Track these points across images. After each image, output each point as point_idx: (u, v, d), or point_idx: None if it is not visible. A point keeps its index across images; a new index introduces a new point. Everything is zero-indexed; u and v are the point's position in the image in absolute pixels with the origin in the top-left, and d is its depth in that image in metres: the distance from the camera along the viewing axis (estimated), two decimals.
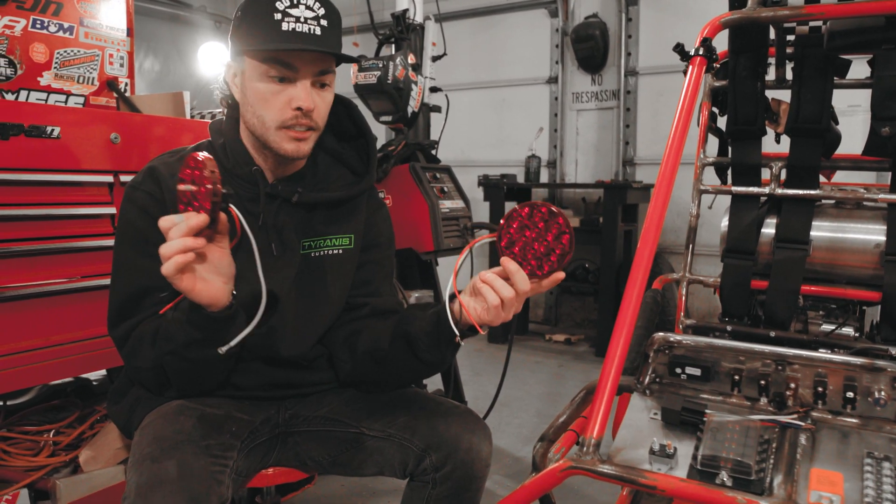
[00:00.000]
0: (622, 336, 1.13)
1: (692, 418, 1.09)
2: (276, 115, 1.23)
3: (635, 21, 4.96)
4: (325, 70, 1.24)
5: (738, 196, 2.00)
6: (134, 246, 1.26)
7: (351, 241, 1.40)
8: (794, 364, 1.08)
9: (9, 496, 1.67)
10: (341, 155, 1.45)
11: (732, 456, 0.97)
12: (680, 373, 1.18)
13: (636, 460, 1.04)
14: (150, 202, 1.26)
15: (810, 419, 1.06)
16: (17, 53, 2.16)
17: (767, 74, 1.97)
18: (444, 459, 1.28)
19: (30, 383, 1.73)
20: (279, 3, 1.19)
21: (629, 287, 1.19)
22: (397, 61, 2.91)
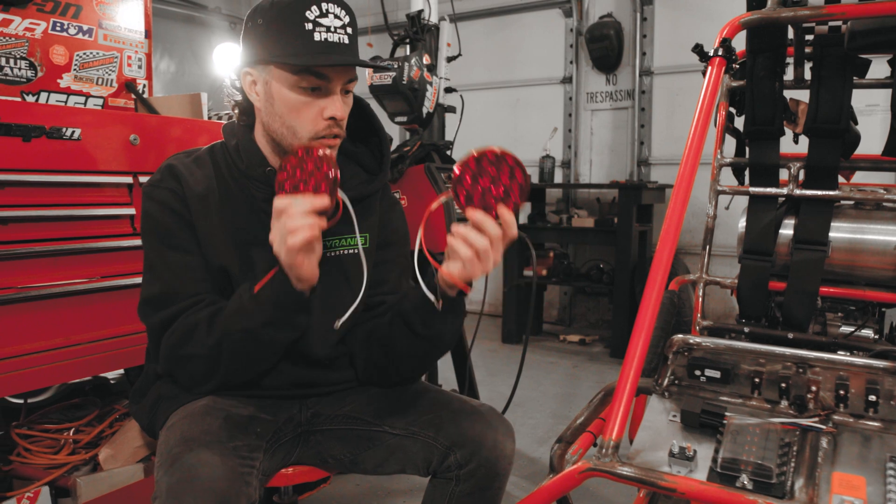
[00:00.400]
0: (641, 338, 1.12)
1: (712, 421, 1.08)
2: (310, 126, 1.24)
3: (650, 20, 4.94)
4: (352, 78, 1.26)
5: (755, 197, 1.99)
6: (162, 240, 1.28)
7: (367, 240, 1.42)
8: (816, 367, 1.07)
9: (30, 493, 1.69)
10: (355, 154, 1.45)
11: (753, 459, 0.96)
12: (699, 375, 1.18)
13: (655, 462, 1.04)
14: (172, 198, 1.28)
15: (832, 422, 1.05)
16: (38, 56, 2.18)
17: (786, 74, 1.95)
18: (468, 457, 1.28)
19: (51, 382, 1.75)
20: (309, 13, 1.19)
21: (648, 289, 1.19)
22: (412, 62, 2.91)
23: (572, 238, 4.97)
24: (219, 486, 1.07)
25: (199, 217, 1.29)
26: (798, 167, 1.93)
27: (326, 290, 1.36)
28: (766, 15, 1.45)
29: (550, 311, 5.60)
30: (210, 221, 1.29)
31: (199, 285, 1.28)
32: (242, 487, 1.11)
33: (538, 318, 5.21)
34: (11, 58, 2.12)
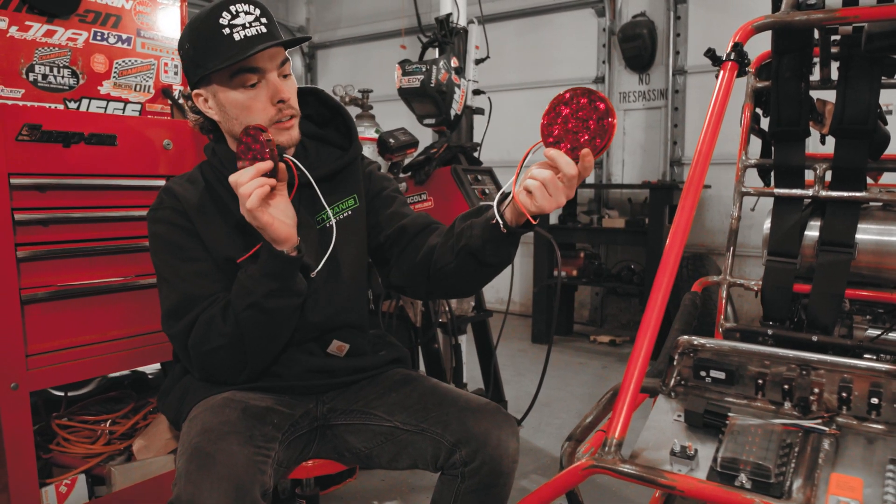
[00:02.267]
0: (645, 339, 1.14)
1: (715, 421, 1.09)
2: (263, 116, 1.34)
3: (684, 19, 4.89)
4: (283, 60, 1.36)
5: (780, 198, 1.98)
6: (172, 255, 1.38)
7: (355, 199, 1.51)
8: (819, 369, 1.08)
9: (68, 481, 1.78)
10: (325, 137, 1.56)
11: (752, 459, 0.98)
12: (704, 376, 1.19)
13: (657, 461, 1.06)
14: (174, 215, 1.39)
15: (835, 424, 1.06)
16: (80, 64, 2.28)
17: (812, 74, 1.93)
18: (472, 454, 1.32)
19: (87, 375, 1.84)
20: (222, 20, 1.29)
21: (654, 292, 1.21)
22: (440, 65, 2.95)
23: (603, 238, 4.95)
24: (234, 473, 1.13)
25: (202, 225, 1.39)
26: (824, 168, 1.92)
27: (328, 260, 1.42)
28: (780, 19, 1.45)
29: (581, 311, 5.58)
30: (211, 225, 1.40)
31: (214, 287, 1.36)
32: (257, 475, 1.16)
33: (569, 319, 5.20)
34: (55, 66, 2.22)
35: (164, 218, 1.40)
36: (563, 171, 1.11)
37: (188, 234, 1.38)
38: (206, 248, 1.39)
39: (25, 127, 1.63)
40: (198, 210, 1.40)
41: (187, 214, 1.39)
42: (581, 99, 1.12)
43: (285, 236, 1.27)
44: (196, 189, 1.43)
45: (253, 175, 1.22)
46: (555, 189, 1.12)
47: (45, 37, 2.18)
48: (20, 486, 1.64)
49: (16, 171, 1.62)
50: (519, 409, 3.22)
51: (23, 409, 1.64)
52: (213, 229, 1.39)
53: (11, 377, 1.62)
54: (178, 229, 1.38)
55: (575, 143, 1.12)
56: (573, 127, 1.12)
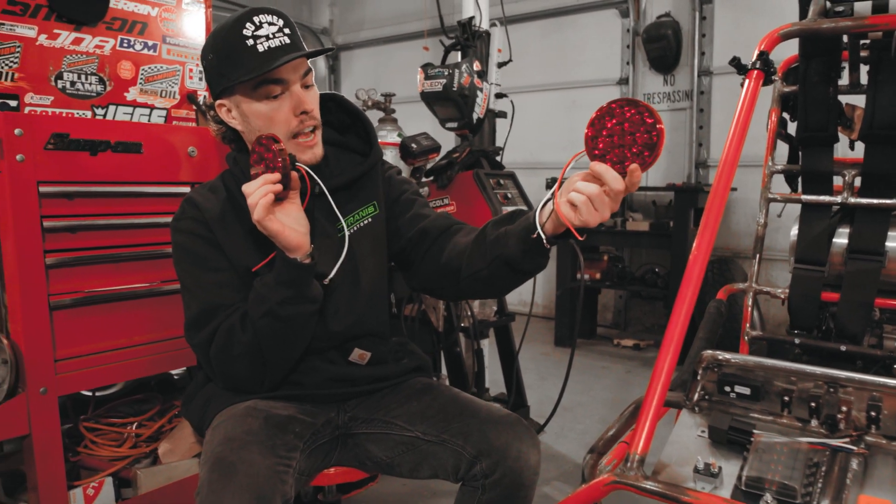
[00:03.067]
0: (668, 354, 1.13)
1: (739, 438, 1.08)
2: (286, 128, 1.35)
3: (710, 19, 4.83)
4: (306, 71, 1.37)
5: (808, 205, 1.95)
6: (195, 265, 1.40)
7: (375, 206, 1.51)
8: (848, 387, 1.06)
9: (95, 483, 1.81)
10: (345, 143, 1.56)
11: (778, 478, 0.96)
12: (729, 391, 1.17)
13: (680, 478, 1.05)
14: (196, 225, 1.41)
15: (864, 444, 1.03)
16: (107, 71, 2.32)
17: (841, 78, 1.90)
18: (493, 467, 1.31)
19: (115, 380, 1.87)
20: (245, 31, 1.30)
21: (677, 304, 1.19)
22: (463, 69, 2.95)
23: (627, 241, 4.91)
24: (256, 483, 1.14)
25: (222, 235, 1.41)
26: (853, 174, 1.88)
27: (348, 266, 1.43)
28: (807, 26, 1.42)
29: (605, 314, 5.54)
30: (232, 235, 1.41)
31: (235, 296, 1.38)
32: (278, 485, 1.17)
33: (592, 322, 5.17)
34: (83, 74, 2.25)
35: (185, 228, 1.42)
36: (609, 186, 1.08)
37: (209, 244, 1.40)
38: (227, 257, 1.40)
39: (53, 136, 1.66)
40: (219, 220, 1.41)
41: (208, 225, 1.40)
42: (628, 111, 1.09)
43: (297, 244, 1.28)
44: (217, 198, 1.45)
45: (260, 185, 1.24)
46: (601, 204, 1.10)
47: (73, 44, 2.22)
48: (49, 489, 1.67)
49: (44, 179, 1.65)
50: (541, 413, 3.21)
51: (51, 413, 1.67)
52: (233, 239, 1.41)
53: (40, 382, 1.65)
54: (199, 239, 1.40)
55: (622, 157, 1.09)
56: (619, 140, 1.09)
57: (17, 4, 2.07)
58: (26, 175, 1.61)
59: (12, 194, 1.59)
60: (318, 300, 1.35)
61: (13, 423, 1.61)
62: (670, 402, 1.30)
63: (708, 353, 1.20)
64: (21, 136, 1.60)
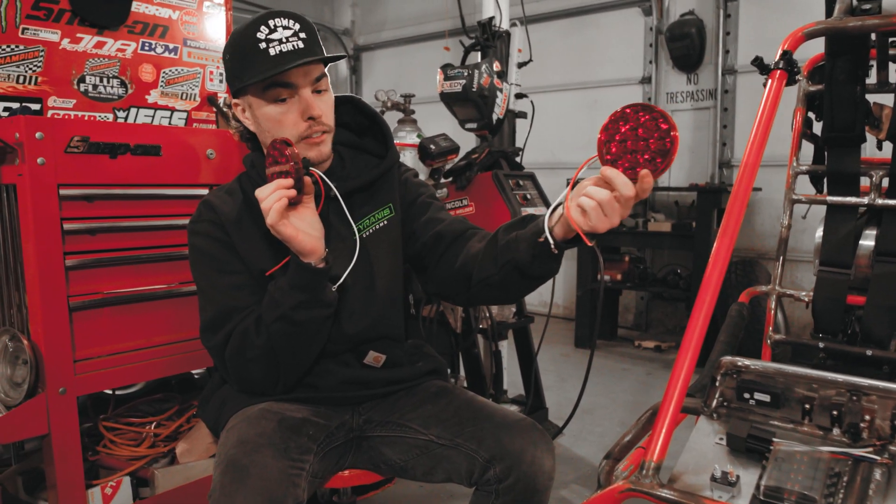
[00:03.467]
0: (687, 358, 1.11)
1: (758, 446, 1.05)
2: (293, 131, 1.35)
3: (734, 17, 4.76)
4: (318, 76, 1.36)
5: (833, 206, 1.91)
6: (211, 267, 1.41)
7: (391, 209, 1.50)
8: (871, 395, 1.03)
9: (113, 483, 1.82)
10: (361, 145, 1.56)
11: (798, 488, 0.93)
12: (748, 398, 1.15)
13: (697, 486, 1.02)
14: (212, 228, 1.41)
15: (887, 453, 1.00)
16: (128, 74, 2.34)
17: (868, 77, 1.85)
18: (507, 471, 1.30)
19: (133, 381, 1.89)
20: (259, 34, 1.30)
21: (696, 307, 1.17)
22: (482, 69, 2.94)
23: (649, 242, 4.86)
24: (268, 487, 1.14)
25: (238, 238, 1.41)
26: (881, 175, 1.84)
27: (362, 270, 1.43)
28: (833, 25, 1.39)
29: (626, 315, 5.49)
30: (247, 239, 1.41)
31: (250, 299, 1.38)
32: (290, 488, 1.17)
33: (613, 323, 5.13)
34: (105, 77, 2.28)
35: (202, 231, 1.42)
36: (619, 192, 1.06)
37: (225, 247, 1.41)
38: (243, 260, 1.40)
39: (74, 139, 1.68)
40: (235, 223, 1.42)
41: (224, 227, 1.41)
42: (642, 116, 1.06)
43: (311, 248, 1.28)
44: (234, 201, 1.45)
45: (273, 189, 1.24)
46: (611, 210, 1.08)
47: (95, 48, 2.25)
48: (67, 487, 1.69)
49: (65, 181, 1.67)
50: (560, 415, 3.18)
51: (70, 413, 1.69)
52: (249, 242, 1.41)
53: (60, 382, 1.66)
54: (215, 242, 1.41)
55: (634, 163, 1.06)
56: (632, 146, 1.06)
57: (41, 9, 2.11)
58: (47, 178, 1.63)
59: (33, 197, 1.61)
60: (332, 304, 1.34)
61: (33, 422, 1.63)
62: (688, 408, 1.28)
63: (727, 358, 1.18)
64: (42, 140, 1.62)
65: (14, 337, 1.69)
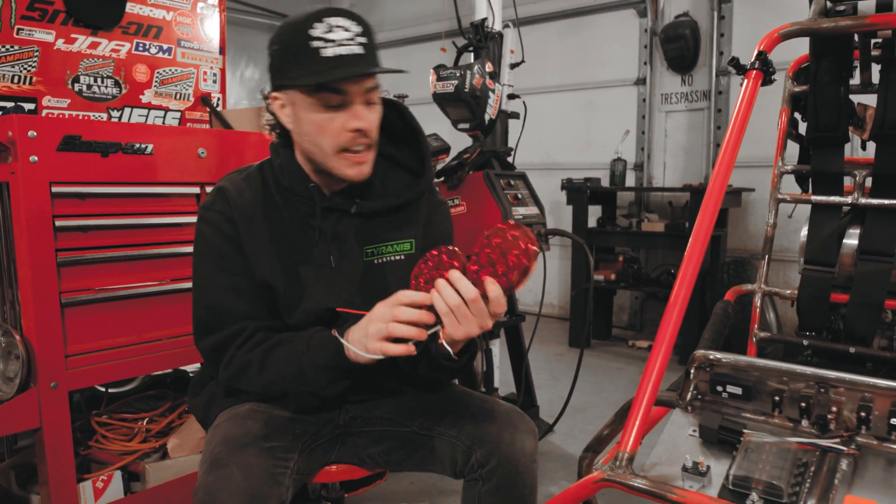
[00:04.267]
0: (660, 352, 1.13)
1: (729, 437, 1.07)
2: (334, 141, 1.25)
3: (728, 19, 4.78)
4: (372, 87, 1.26)
5: (818, 205, 1.93)
6: (212, 263, 1.34)
7: (412, 245, 1.42)
8: (839, 387, 1.05)
9: (104, 477, 1.85)
10: (397, 157, 1.46)
11: (765, 478, 0.96)
12: (721, 391, 1.17)
13: (669, 476, 1.05)
14: (222, 221, 1.33)
15: (855, 444, 1.03)
16: (123, 74, 2.37)
17: (852, 78, 1.88)
18: (487, 455, 1.29)
19: (125, 376, 1.91)
20: (313, 31, 1.19)
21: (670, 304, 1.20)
22: (475, 70, 2.96)
23: (642, 242, 4.88)
24: (250, 486, 1.15)
25: (246, 236, 1.34)
26: (864, 175, 1.86)
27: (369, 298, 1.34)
28: (806, 26, 1.41)
29: (621, 315, 5.51)
30: (256, 239, 1.34)
31: (248, 306, 1.33)
32: (274, 487, 1.18)
33: (607, 323, 5.15)
34: (99, 77, 2.31)
35: (211, 220, 1.35)
36: (464, 297, 1.07)
37: (231, 245, 1.34)
38: (247, 259, 1.34)
39: (66, 137, 1.70)
40: (247, 218, 1.34)
41: (235, 222, 1.33)
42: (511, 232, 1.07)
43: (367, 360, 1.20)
44: (251, 193, 1.37)
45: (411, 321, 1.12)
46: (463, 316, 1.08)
47: (89, 48, 2.28)
48: (59, 481, 1.71)
49: (57, 179, 1.69)
50: (552, 413, 3.20)
51: (62, 408, 1.71)
52: (256, 245, 1.34)
53: (51, 377, 1.69)
54: (222, 237, 1.33)
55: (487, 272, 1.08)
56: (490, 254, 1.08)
57: (35, 10, 2.14)
58: (39, 176, 1.66)
59: (25, 194, 1.64)
60: (357, 374, 1.28)
61: (25, 416, 1.65)
62: (664, 401, 1.30)
63: (700, 352, 1.20)
64: (34, 139, 1.65)
65: (6, 332, 1.72)
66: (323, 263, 1.36)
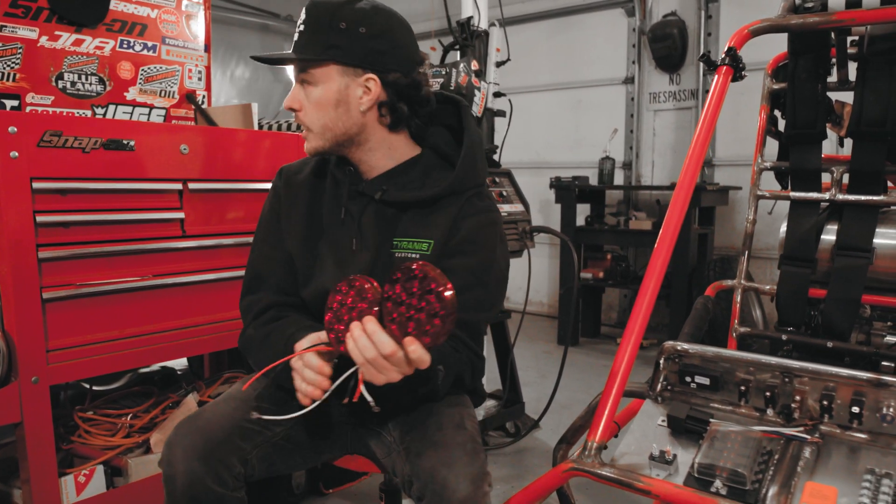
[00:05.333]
0: (629, 344, 1.15)
1: (696, 427, 1.09)
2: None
3: (715, 18, 4.82)
4: (302, 68, 1.33)
5: (797, 202, 1.95)
6: (261, 230, 1.48)
7: (429, 247, 1.35)
8: (802, 377, 1.07)
9: (86, 471, 1.85)
10: (449, 156, 1.43)
11: (729, 465, 0.98)
12: (689, 381, 1.19)
13: (637, 465, 1.06)
14: (274, 195, 1.47)
15: (818, 433, 1.04)
16: (107, 71, 2.38)
17: (830, 76, 1.90)
18: (421, 490, 1.19)
19: (107, 370, 1.91)
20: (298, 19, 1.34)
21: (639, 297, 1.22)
22: (460, 68, 2.97)
23: (631, 240, 4.91)
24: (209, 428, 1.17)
25: (286, 210, 1.44)
26: (842, 171, 1.89)
27: None
28: (775, 22, 1.44)
29: (609, 313, 5.54)
30: (293, 212, 1.44)
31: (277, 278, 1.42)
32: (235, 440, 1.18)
33: (596, 321, 5.17)
34: (83, 74, 2.32)
35: (271, 194, 1.49)
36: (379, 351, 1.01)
37: (275, 219, 1.46)
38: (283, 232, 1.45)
39: (47, 133, 1.71)
40: (293, 193, 1.45)
41: (281, 198, 1.46)
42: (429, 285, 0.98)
43: None
44: (306, 171, 1.48)
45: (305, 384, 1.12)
46: (380, 366, 1.02)
47: (73, 45, 2.28)
48: (40, 475, 1.72)
49: (38, 175, 1.70)
50: (539, 410, 3.23)
51: (43, 402, 1.72)
52: (292, 215, 1.44)
53: (32, 371, 1.70)
54: (271, 210, 1.47)
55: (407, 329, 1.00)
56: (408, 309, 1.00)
57: (18, 7, 2.14)
58: (20, 171, 1.66)
59: (6, 190, 1.64)
60: None
61: (5, 410, 1.66)
62: (634, 392, 1.32)
63: (669, 343, 1.22)
64: (15, 134, 1.65)
65: None
66: (344, 245, 1.40)
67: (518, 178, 3.19)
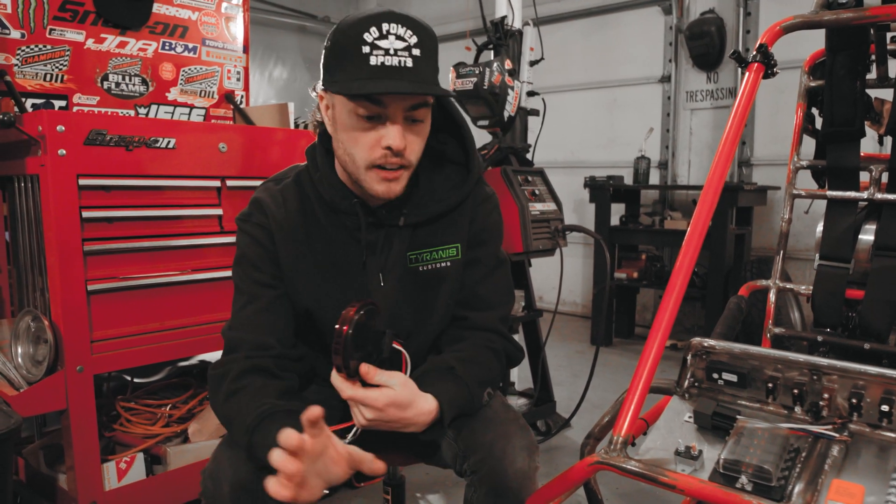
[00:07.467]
0: (656, 340, 1.16)
1: (723, 423, 1.09)
2: (366, 155, 1.17)
3: (754, 15, 4.74)
4: (417, 105, 1.16)
5: (834, 201, 1.92)
6: (246, 271, 1.30)
7: (458, 250, 1.33)
8: (832, 374, 1.06)
9: (127, 458, 1.92)
10: (442, 152, 1.35)
11: (755, 462, 0.97)
12: (717, 378, 1.18)
13: (662, 460, 1.07)
14: (259, 232, 1.29)
15: (847, 431, 1.04)
16: (149, 73, 2.46)
17: (869, 72, 1.87)
18: (478, 464, 1.21)
19: (148, 361, 1.97)
20: (367, 35, 1.10)
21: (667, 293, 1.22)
22: (494, 67, 2.99)
23: (666, 240, 4.86)
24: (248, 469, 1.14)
25: (286, 253, 1.29)
26: (881, 170, 1.85)
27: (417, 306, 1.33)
28: (808, 19, 1.42)
29: (644, 314, 5.49)
30: (299, 261, 1.30)
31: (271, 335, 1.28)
32: None
33: (630, 321, 5.13)
34: (127, 75, 2.40)
35: (249, 231, 1.30)
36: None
37: (267, 257, 1.29)
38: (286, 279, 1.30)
39: (92, 132, 1.78)
40: (286, 235, 1.29)
41: (272, 235, 1.29)
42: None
43: None
44: (290, 206, 1.31)
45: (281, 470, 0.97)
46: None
47: (118, 48, 2.37)
48: (84, 461, 1.79)
49: (84, 172, 1.77)
50: (571, 409, 3.22)
51: (87, 390, 1.79)
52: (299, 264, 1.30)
53: (77, 361, 1.77)
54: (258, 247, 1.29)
55: None
56: None
57: (67, 11, 2.23)
58: (67, 168, 1.74)
59: (54, 186, 1.72)
60: None
61: (52, 397, 1.73)
62: (661, 388, 1.32)
63: (696, 340, 1.22)
64: (63, 133, 1.72)
65: (36, 318, 1.80)
66: (372, 284, 1.31)
67: (552, 178, 3.20)
